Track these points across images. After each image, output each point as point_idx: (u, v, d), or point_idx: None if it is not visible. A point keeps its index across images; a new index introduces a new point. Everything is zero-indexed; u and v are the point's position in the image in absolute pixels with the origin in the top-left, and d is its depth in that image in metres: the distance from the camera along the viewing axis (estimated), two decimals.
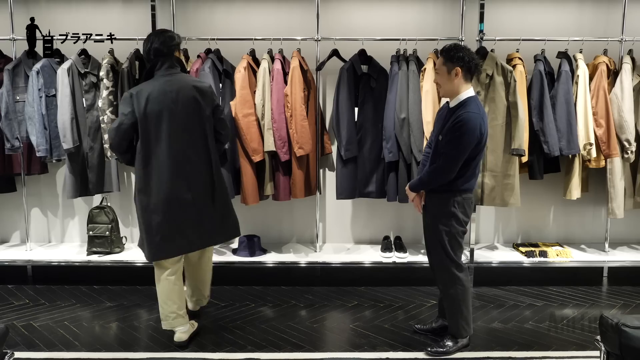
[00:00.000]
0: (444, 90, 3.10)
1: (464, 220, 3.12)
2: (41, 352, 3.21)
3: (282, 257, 4.35)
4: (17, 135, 4.14)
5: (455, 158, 2.97)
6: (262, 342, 3.32)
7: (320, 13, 4.23)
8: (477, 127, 2.94)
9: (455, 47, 3.04)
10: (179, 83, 3.14)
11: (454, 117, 2.98)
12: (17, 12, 4.32)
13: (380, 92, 4.21)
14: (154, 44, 3.14)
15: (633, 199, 4.28)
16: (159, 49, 3.14)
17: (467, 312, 3.18)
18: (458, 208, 3.07)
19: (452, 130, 2.97)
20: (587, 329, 3.51)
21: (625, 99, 4.06)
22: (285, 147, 4.09)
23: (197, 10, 4.47)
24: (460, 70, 2.99)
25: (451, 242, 3.11)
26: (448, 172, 3.01)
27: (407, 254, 4.32)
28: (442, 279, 3.20)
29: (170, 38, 3.18)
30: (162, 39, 3.15)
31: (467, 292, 3.16)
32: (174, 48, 3.19)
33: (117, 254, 4.34)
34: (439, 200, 3.11)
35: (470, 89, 3.05)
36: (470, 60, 3.00)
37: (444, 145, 3.01)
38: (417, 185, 3.19)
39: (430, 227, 3.18)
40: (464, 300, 3.15)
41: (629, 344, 2.15)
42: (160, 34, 3.21)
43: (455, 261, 3.13)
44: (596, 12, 4.49)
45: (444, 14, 4.49)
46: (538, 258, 4.25)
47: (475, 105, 3.00)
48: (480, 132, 2.96)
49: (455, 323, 3.19)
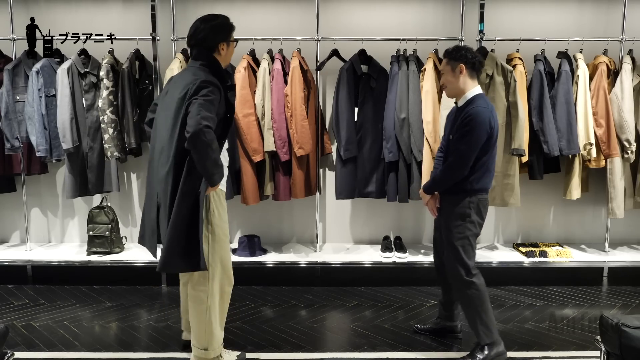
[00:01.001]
0: (450, 90, 3.09)
1: (478, 223, 3.05)
2: (41, 352, 3.21)
3: (282, 257, 4.35)
4: (17, 135, 4.14)
5: (466, 153, 2.93)
6: (262, 342, 3.32)
7: (320, 13, 4.23)
8: (486, 121, 2.91)
9: (457, 47, 3.08)
10: (181, 77, 2.84)
11: (462, 114, 2.98)
12: (17, 12, 4.32)
13: (380, 92, 4.21)
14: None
15: (633, 199, 4.28)
16: (188, 37, 2.87)
17: (486, 317, 3.02)
18: (472, 209, 3.01)
19: (461, 126, 2.95)
20: (587, 329, 3.51)
21: (625, 99, 4.06)
22: (286, 147, 4.09)
23: (197, 10, 4.47)
24: (464, 67, 3.00)
25: (464, 245, 3.03)
26: (460, 169, 2.96)
27: (407, 254, 4.32)
28: (456, 285, 3.10)
29: (196, 30, 2.82)
30: (193, 28, 2.84)
31: (483, 296, 3.02)
32: (200, 40, 2.81)
33: (117, 254, 4.34)
34: (453, 201, 3.05)
35: (477, 87, 3.05)
36: (473, 57, 3.03)
37: (454, 142, 3.00)
38: (431, 186, 3.14)
39: (443, 229, 3.12)
40: (481, 304, 3.01)
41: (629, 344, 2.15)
42: (201, 21, 2.85)
43: (466, 266, 3.02)
44: (596, 12, 4.49)
45: (444, 14, 4.49)
46: (538, 258, 4.25)
47: (483, 101, 2.99)
48: (490, 126, 2.93)
49: (475, 330, 3.05)
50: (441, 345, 3.27)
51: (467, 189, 3.01)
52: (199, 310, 2.83)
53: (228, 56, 2.92)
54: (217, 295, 2.84)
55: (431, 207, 3.21)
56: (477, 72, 3.06)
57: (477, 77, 3.07)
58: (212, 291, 2.82)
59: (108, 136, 4.09)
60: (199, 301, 2.83)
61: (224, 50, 2.86)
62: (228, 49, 2.88)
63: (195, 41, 2.83)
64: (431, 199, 3.18)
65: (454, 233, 3.04)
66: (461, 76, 3.02)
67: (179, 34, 4.29)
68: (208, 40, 2.81)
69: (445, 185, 3.07)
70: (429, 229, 4.72)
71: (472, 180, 2.99)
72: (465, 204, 3.01)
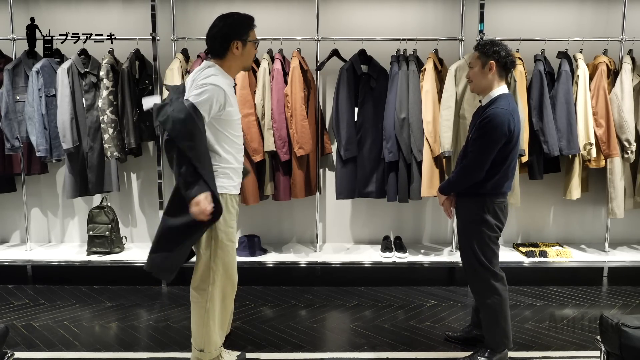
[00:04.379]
0: (475, 86, 2.96)
1: (497, 226, 2.92)
2: (41, 352, 3.21)
3: (282, 257, 4.35)
4: (17, 135, 4.14)
5: (481, 155, 2.82)
6: (262, 342, 3.32)
7: (320, 13, 4.23)
8: (504, 124, 2.77)
9: (491, 41, 2.91)
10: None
11: (482, 113, 2.87)
12: (17, 12, 4.32)
13: (380, 92, 4.21)
14: None
15: (633, 199, 4.28)
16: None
17: (505, 324, 2.95)
18: (489, 213, 2.89)
19: (479, 128, 2.84)
20: (587, 329, 3.51)
21: (625, 99, 4.06)
22: (286, 147, 4.09)
23: (197, 10, 4.47)
24: (494, 64, 2.87)
25: (483, 248, 2.91)
26: (475, 171, 2.85)
27: (407, 254, 4.32)
28: (476, 287, 3.01)
29: (212, 26, 2.75)
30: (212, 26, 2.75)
31: (504, 303, 2.94)
32: (213, 38, 2.74)
33: (117, 254, 4.34)
34: (469, 204, 2.95)
35: (503, 86, 2.91)
36: (506, 55, 2.87)
37: (472, 143, 2.89)
38: (446, 187, 3.04)
39: (461, 232, 3.04)
40: (502, 311, 2.93)
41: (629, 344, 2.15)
42: (220, 18, 2.77)
43: (489, 269, 2.92)
44: (596, 12, 4.49)
45: (444, 14, 4.49)
46: (538, 258, 4.25)
47: (505, 102, 2.84)
48: (509, 129, 2.78)
49: (492, 336, 2.98)
50: (441, 345, 3.27)
51: (482, 192, 2.90)
52: (198, 312, 2.83)
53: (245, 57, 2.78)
54: (217, 299, 2.83)
55: (446, 208, 3.11)
56: (508, 71, 2.93)
57: (505, 77, 2.95)
58: (211, 295, 2.81)
59: (108, 136, 4.09)
60: (199, 304, 2.83)
61: (238, 49, 2.73)
62: (244, 48, 2.75)
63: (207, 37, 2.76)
64: (446, 200, 3.07)
65: (472, 237, 2.94)
66: (490, 74, 2.88)
67: (179, 34, 4.29)
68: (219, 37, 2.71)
69: (459, 187, 2.96)
70: (429, 229, 4.72)
71: (488, 185, 2.88)
72: (480, 208, 2.90)
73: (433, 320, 3.62)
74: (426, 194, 4.07)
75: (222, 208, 2.65)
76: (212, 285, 2.80)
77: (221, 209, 2.63)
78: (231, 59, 2.74)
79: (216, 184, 2.63)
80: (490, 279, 2.93)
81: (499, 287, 2.93)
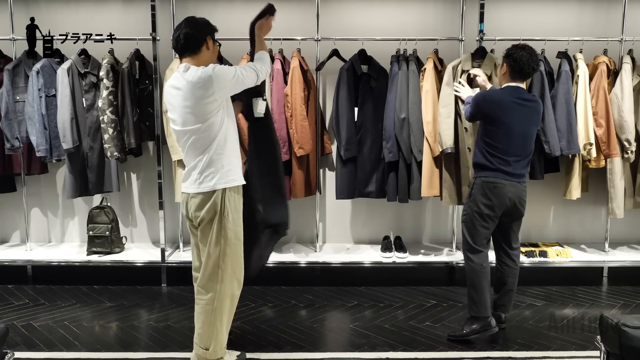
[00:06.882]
0: (495, 83, 3.46)
1: (484, 204, 3.21)
2: (41, 352, 3.21)
3: (282, 257, 4.35)
4: (17, 135, 4.14)
5: (470, 108, 3.30)
6: (262, 342, 3.32)
7: (320, 13, 4.23)
8: (493, 97, 3.19)
9: (514, 45, 3.21)
10: None
11: None
12: (17, 12, 4.32)
13: (380, 92, 4.21)
14: None
15: (633, 199, 4.28)
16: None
17: (475, 293, 3.27)
18: (478, 191, 3.23)
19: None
20: (587, 329, 3.51)
21: (625, 99, 4.06)
22: (286, 147, 4.09)
23: (197, 10, 4.47)
24: (506, 67, 3.20)
25: (467, 223, 3.28)
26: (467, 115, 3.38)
27: (407, 254, 4.32)
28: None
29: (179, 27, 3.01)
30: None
31: (476, 274, 3.26)
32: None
33: (117, 254, 4.34)
34: (473, 180, 3.34)
35: (511, 82, 3.23)
36: (518, 60, 3.14)
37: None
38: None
39: None
40: (471, 280, 3.27)
41: (629, 344, 2.15)
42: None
43: (467, 242, 3.29)
44: (596, 12, 4.49)
45: (444, 14, 4.49)
46: (538, 258, 4.25)
47: (502, 90, 3.21)
48: (496, 105, 3.16)
49: (468, 299, 3.33)
50: (441, 345, 3.27)
51: (475, 170, 3.30)
52: (206, 311, 2.83)
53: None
54: (225, 298, 2.83)
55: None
56: (522, 75, 3.19)
57: (519, 80, 3.21)
58: (220, 294, 2.81)
59: (108, 136, 4.09)
60: (206, 302, 2.83)
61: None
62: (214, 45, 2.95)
63: None
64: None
65: (464, 209, 3.35)
66: (501, 74, 3.26)
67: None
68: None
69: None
70: (429, 229, 4.72)
71: (476, 163, 3.26)
72: (471, 184, 3.31)
73: (433, 320, 3.62)
74: (426, 194, 4.07)
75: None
76: (220, 284, 2.80)
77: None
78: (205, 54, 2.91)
79: (228, 176, 2.79)
80: (467, 250, 3.31)
81: (473, 258, 3.28)
